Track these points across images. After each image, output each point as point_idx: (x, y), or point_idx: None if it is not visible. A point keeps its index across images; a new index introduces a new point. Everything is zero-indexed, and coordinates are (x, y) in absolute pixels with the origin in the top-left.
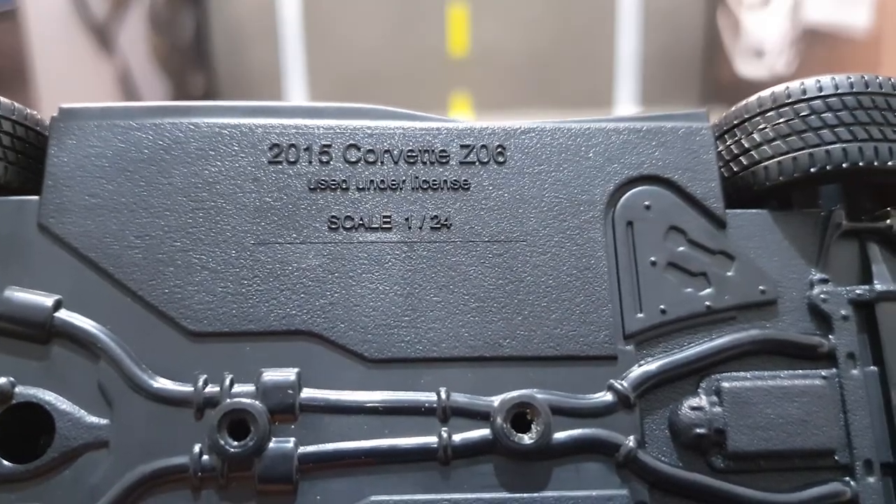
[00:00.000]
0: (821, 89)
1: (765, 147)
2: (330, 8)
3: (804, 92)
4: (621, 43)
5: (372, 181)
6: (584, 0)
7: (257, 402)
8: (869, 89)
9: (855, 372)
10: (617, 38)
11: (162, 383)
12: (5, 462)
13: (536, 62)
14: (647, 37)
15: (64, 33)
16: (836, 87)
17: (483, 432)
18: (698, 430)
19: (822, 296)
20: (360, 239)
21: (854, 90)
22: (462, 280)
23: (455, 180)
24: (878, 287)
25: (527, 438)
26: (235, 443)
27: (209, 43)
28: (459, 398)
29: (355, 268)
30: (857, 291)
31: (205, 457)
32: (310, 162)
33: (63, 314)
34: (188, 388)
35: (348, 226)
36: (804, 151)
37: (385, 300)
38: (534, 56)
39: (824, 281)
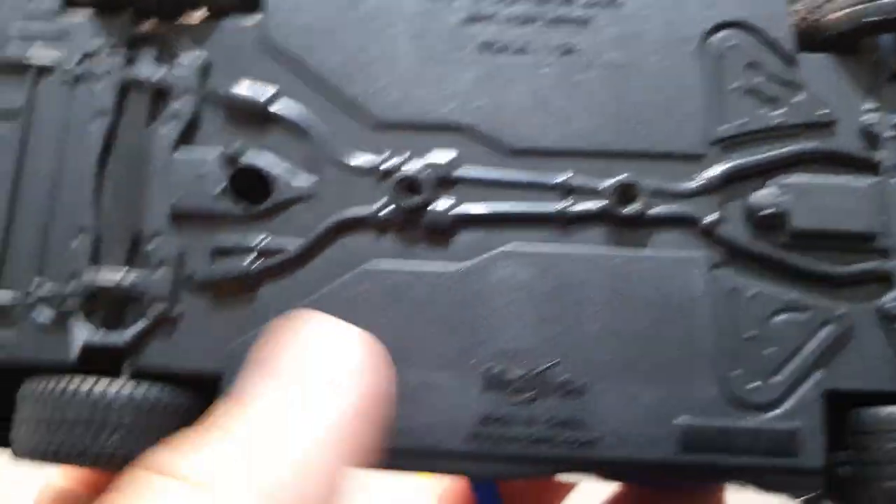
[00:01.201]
0: None
1: (828, 5)
2: None
3: None
4: None
5: (513, 16)
6: None
7: (427, 171)
8: None
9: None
10: None
11: (355, 156)
12: (241, 204)
13: None
14: None
15: None
16: None
17: (595, 204)
18: (766, 211)
19: (872, 120)
20: (503, 61)
21: None
22: (581, 93)
23: (579, 17)
24: None
25: (628, 209)
26: (409, 200)
27: None
28: (577, 179)
29: (499, 80)
30: None
31: (385, 209)
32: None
33: (279, 103)
34: (375, 160)
35: (494, 49)
36: (861, 6)
37: (521, 104)
38: None
39: (875, 110)
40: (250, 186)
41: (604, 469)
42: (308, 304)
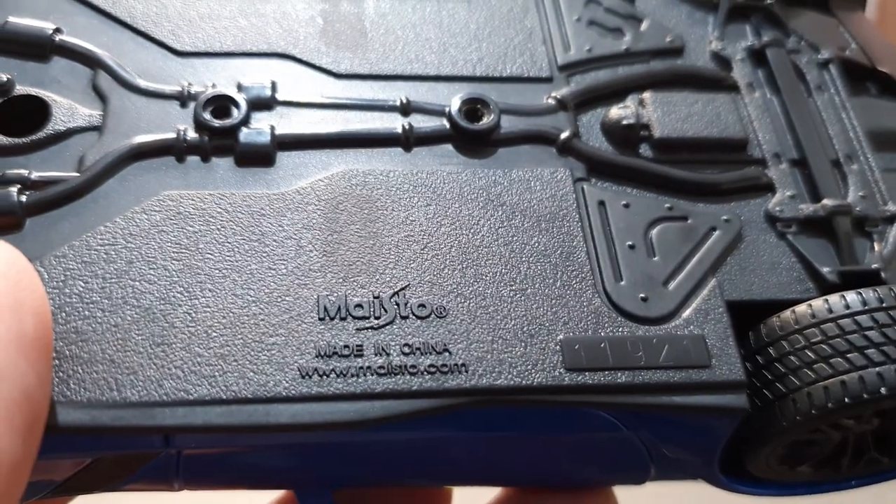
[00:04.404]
0: None
1: None
2: None
3: None
4: None
5: None
6: None
7: (240, 93)
8: None
9: (756, 94)
10: None
11: (152, 83)
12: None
13: None
14: None
15: None
16: None
17: (441, 122)
18: (626, 122)
19: (720, 46)
20: None
21: None
22: (413, 25)
23: None
24: (765, 38)
25: (479, 125)
26: (219, 121)
27: None
28: (419, 99)
29: (330, 15)
30: (749, 42)
31: (190, 134)
32: None
33: (63, 35)
34: (177, 87)
35: None
36: None
37: (350, 36)
38: None
39: (721, 39)
40: (30, 118)
41: (481, 400)
42: (91, 236)
